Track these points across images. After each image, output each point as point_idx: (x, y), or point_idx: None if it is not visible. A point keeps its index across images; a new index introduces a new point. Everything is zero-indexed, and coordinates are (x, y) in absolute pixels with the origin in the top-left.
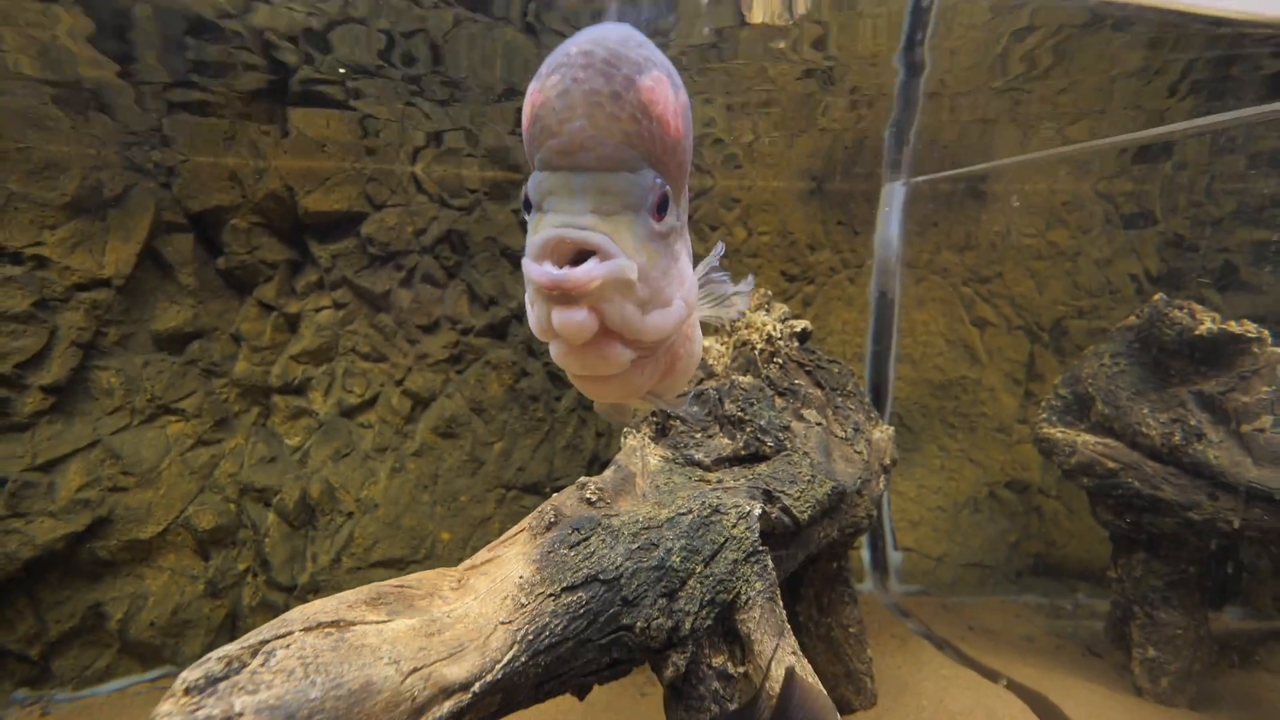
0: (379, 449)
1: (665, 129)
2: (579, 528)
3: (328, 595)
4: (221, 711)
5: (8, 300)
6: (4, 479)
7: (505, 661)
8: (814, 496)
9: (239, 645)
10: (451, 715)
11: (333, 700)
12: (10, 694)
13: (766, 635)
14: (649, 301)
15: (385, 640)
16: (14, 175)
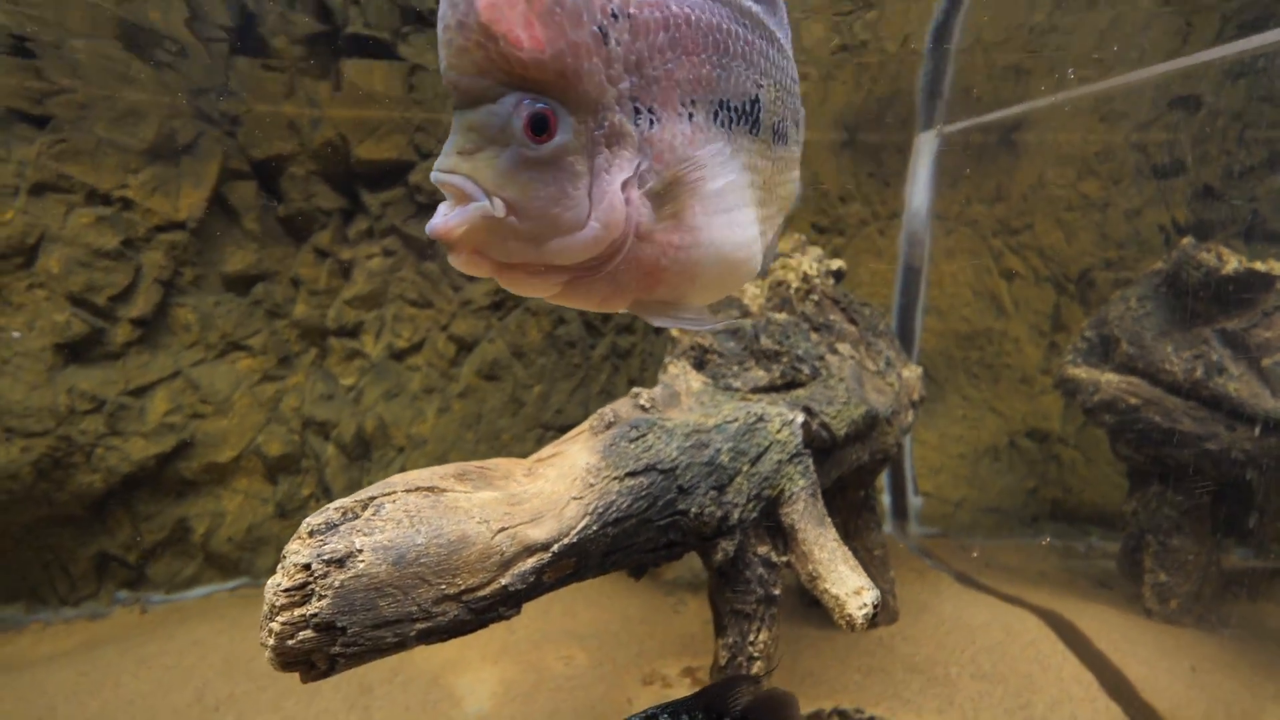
0: (426, 390)
1: (516, 45)
2: (637, 425)
3: None
4: (345, 547)
5: (101, 238)
6: (103, 401)
7: (579, 529)
8: (850, 417)
9: (352, 499)
10: (533, 570)
11: (435, 547)
12: (114, 594)
13: (810, 524)
14: (541, 232)
15: (475, 504)
16: (101, 121)
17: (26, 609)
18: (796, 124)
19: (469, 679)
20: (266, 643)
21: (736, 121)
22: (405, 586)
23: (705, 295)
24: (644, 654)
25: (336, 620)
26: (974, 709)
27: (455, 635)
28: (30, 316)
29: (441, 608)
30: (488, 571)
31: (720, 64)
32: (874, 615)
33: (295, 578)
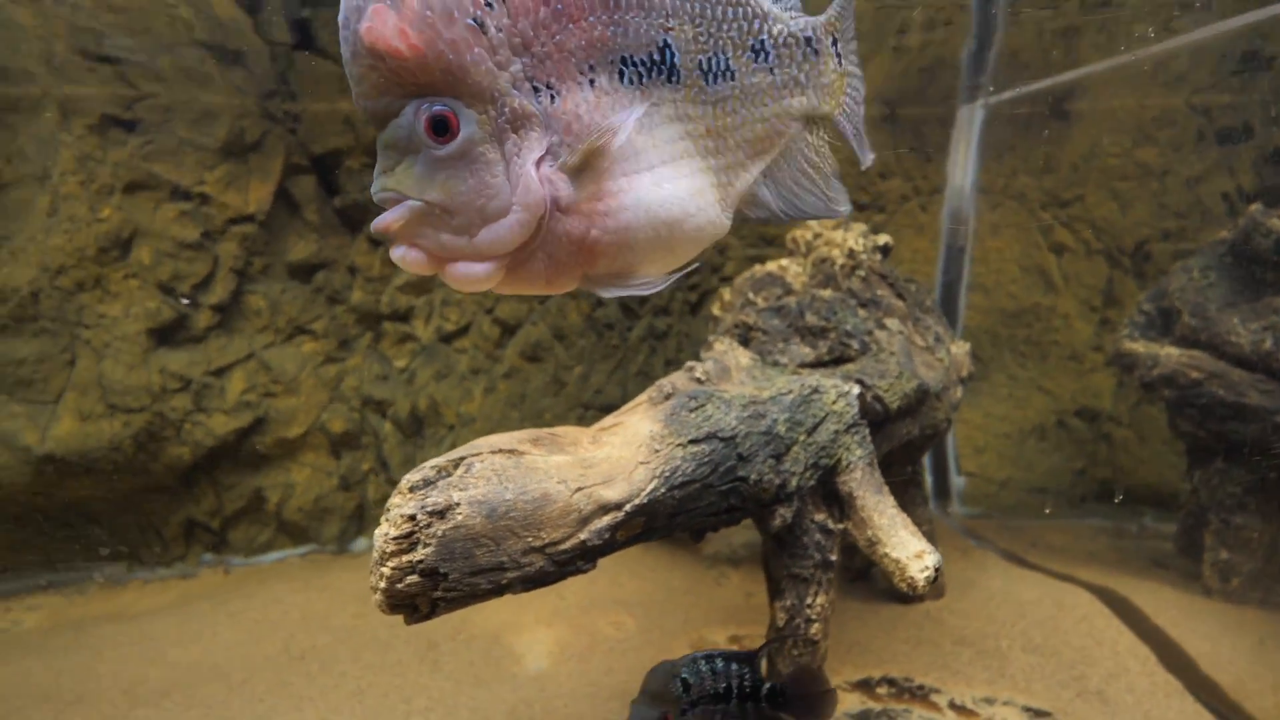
0: (473, 371)
1: (398, 56)
2: (695, 396)
3: None
4: (445, 500)
5: (184, 230)
6: (189, 380)
7: (649, 490)
8: (902, 390)
9: (444, 459)
10: (608, 528)
11: (521, 502)
12: (201, 556)
13: (869, 492)
14: (469, 224)
15: (552, 466)
16: (181, 123)
17: (128, 568)
18: (757, 50)
19: (526, 639)
20: (377, 586)
21: (648, 75)
22: (497, 538)
23: (654, 260)
24: (690, 621)
25: (439, 566)
26: (1026, 680)
27: (539, 585)
28: (126, 304)
29: (528, 559)
30: (568, 527)
31: (613, 21)
32: (935, 578)
33: (402, 527)
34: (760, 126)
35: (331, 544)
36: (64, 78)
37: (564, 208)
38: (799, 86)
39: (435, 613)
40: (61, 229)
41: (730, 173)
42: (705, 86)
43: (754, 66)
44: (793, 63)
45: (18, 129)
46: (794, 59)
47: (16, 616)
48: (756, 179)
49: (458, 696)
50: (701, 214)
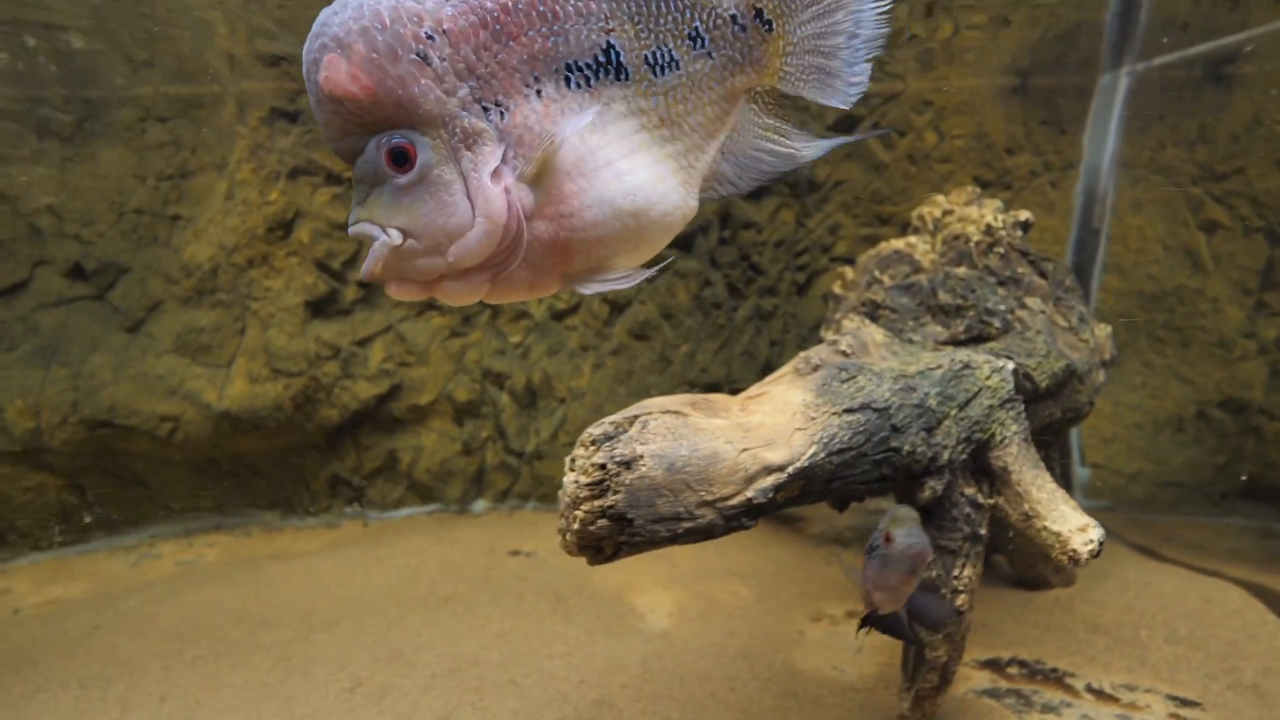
0: (583, 347)
1: (356, 99)
2: (846, 368)
3: (549, 462)
4: (631, 452)
5: (335, 213)
6: (339, 349)
7: (809, 455)
8: (1050, 370)
9: (619, 416)
10: (772, 488)
11: (695, 459)
12: (343, 509)
13: (1025, 467)
14: (439, 244)
15: (716, 428)
16: None
17: (281, 515)
18: (694, 38)
19: (645, 599)
20: (569, 528)
21: (596, 77)
22: (676, 490)
23: (627, 251)
24: (805, 595)
25: (627, 513)
26: (1170, 670)
27: (708, 538)
28: (288, 279)
29: (701, 511)
30: (736, 484)
31: (553, 32)
32: (1099, 551)
33: (593, 475)
34: (710, 109)
35: (454, 504)
36: (242, 75)
37: (530, 214)
38: (736, 65)
39: (617, 555)
40: (236, 211)
41: (690, 156)
42: (654, 79)
43: (694, 54)
44: (726, 43)
45: (202, 122)
46: (726, 39)
47: (198, 551)
48: (716, 157)
49: (592, 645)
50: (665, 200)
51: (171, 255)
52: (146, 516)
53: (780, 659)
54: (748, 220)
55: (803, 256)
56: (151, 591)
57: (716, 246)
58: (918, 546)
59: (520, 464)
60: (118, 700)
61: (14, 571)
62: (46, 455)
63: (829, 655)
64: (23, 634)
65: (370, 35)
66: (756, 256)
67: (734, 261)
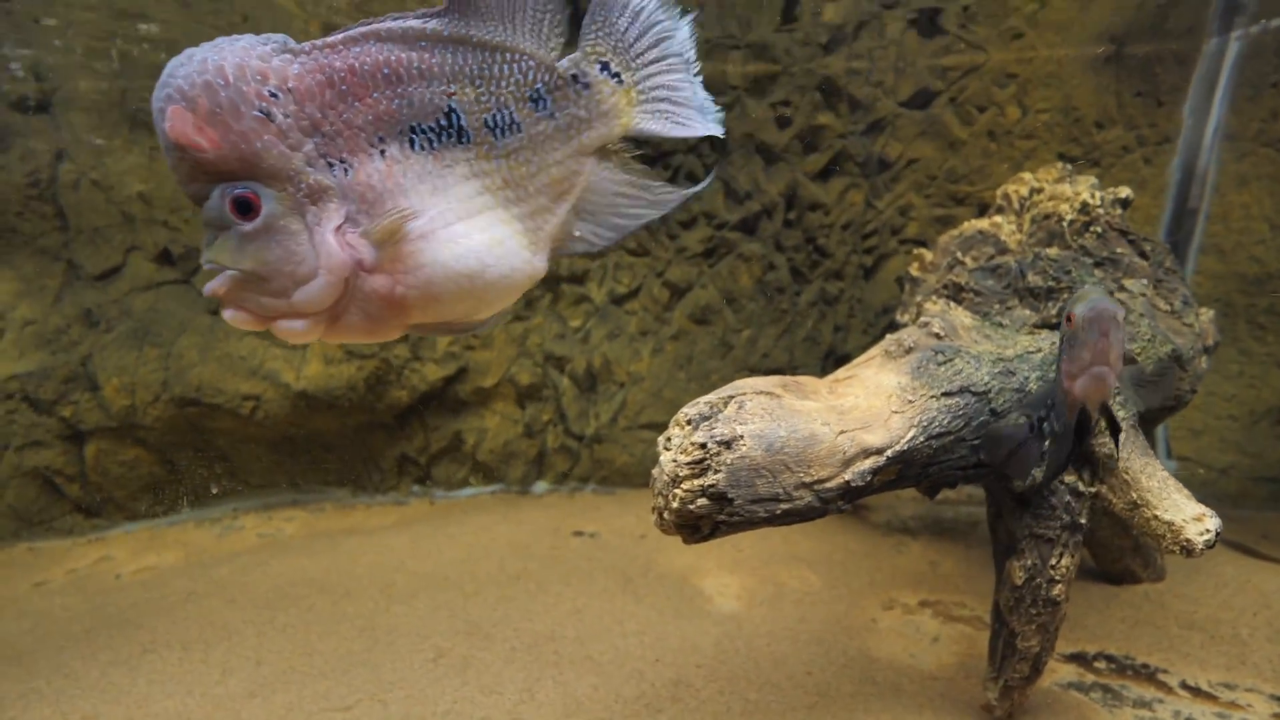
0: (642, 332)
1: (198, 149)
2: (942, 350)
3: (609, 446)
4: (730, 432)
5: None
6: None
7: (909, 438)
8: (1155, 355)
9: (715, 395)
10: (870, 471)
11: (794, 440)
12: (410, 487)
13: (1134, 454)
14: (284, 287)
15: (811, 410)
16: None
17: (352, 492)
18: (536, 100)
19: (712, 582)
20: (670, 506)
21: (438, 140)
22: (774, 471)
23: (464, 309)
24: (876, 584)
25: (727, 492)
26: (1274, 669)
27: (805, 519)
28: None
29: (799, 493)
30: (834, 467)
31: (397, 95)
32: (1214, 541)
33: (693, 454)
34: (556, 170)
35: (516, 485)
36: None
37: (369, 268)
38: (583, 123)
39: (714, 534)
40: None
41: (536, 218)
42: (495, 142)
43: (537, 116)
44: (570, 103)
45: None
46: (570, 99)
47: (278, 525)
48: (569, 218)
49: (664, 626)
50: (503, 262)
51: None
52: (229, 490)
53: (855, 645)
54: (814, 201)
55: (871, 239)
56: (240, 561)
57: (781, 229)
58: (1099, 305)
59: (580, 447)
60: (218, 663)
61: (111, 540)
62: (140, 431)
63: (904, 643)
64: (126, 598)
65: (213, 90)
66: (823, 239)
67: (799, 244)
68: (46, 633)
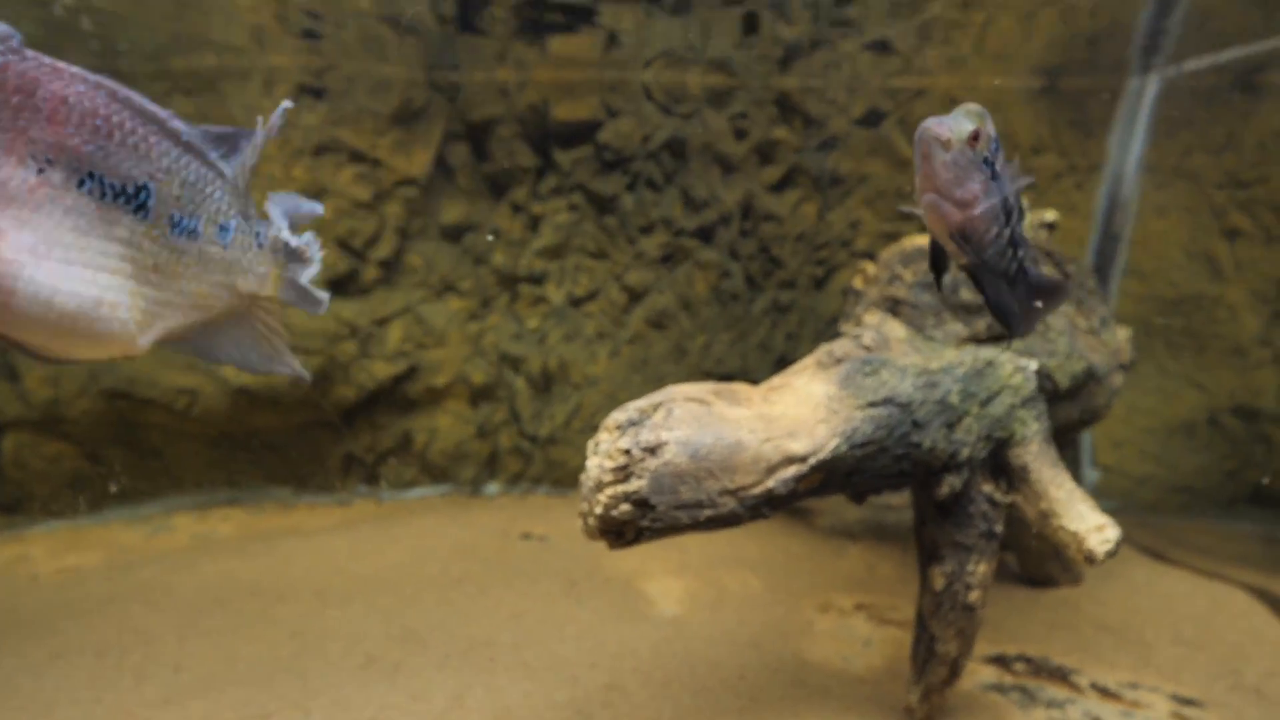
0: (599, 335)
1: None
2: (870, 362)
3: (563, 448)
4: (656, 438)
5: (359, 191)
6: (357, 328)
7: (831, 447)
8: (1071, 370)
9: (644, 401)
10: (793, 479)
11: (720, 447)
12: (356, 487)
13: (1045, 466)
14: None
15: (739, 417)
16: (361, 91)
17: (295, 492)
18: (224, 228)
19: (656, 586)
20: (593, 511)
21: (113, 197)
22: (699, 477)
23: (44, 340)
24: (815, 586)
25: (650, 498)
26: (1174, 670)
27: (727, 525)
28: None
29: (723, 499)
30: (758, 474)
31: (97, 145)
32: (1115, 550)
33: (618, 460)
34: (205, 287)
35: (467, 486)
36: (268, 49)
37: None
38: (244, 271)
39: (638, 540)
40: (260, 187)
41: (163, 308)
42: (168, 233)
43: (216, 239)
44: (243, 250)
45: (228, 96)
46: (245, 246)
47: (212, 525)
48: (197, 326)
49: (604, 629)
50: (102, 324)
51: None
52: (162, 489)
53: (790, 649)
54: (769, 212)
55: (822, 250)
56: (167, 563)
57: (737, 238)
58: (923, 126)
59: (533, 448)
60: (133, 669)
61: (31, 538)
62: (64, 425)
63: (837, 646)
64: (40, 600)
65: None
66: (777, 249)
67: (754, 253)
68: None
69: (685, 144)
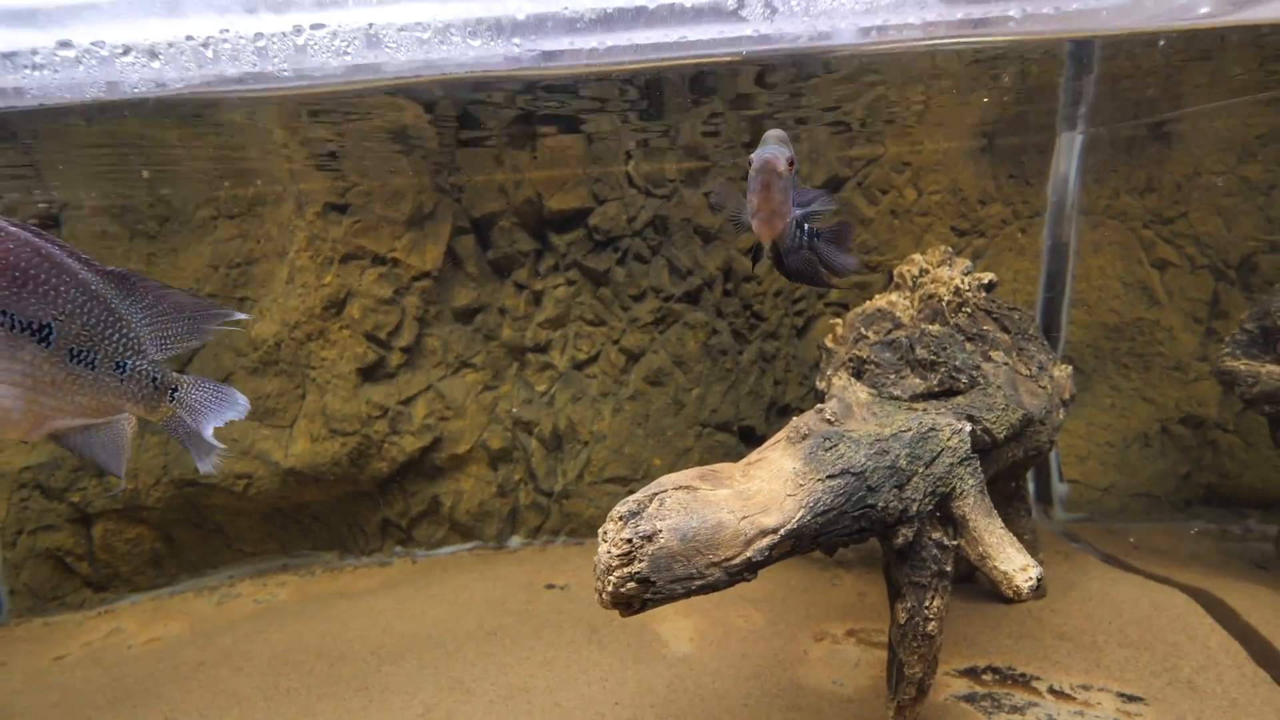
0: (603, 394)
1: None
2: (829, 438)
3: (576, 500)
4: (650, 528)
5: (381, 289)
6: (387, 409)
7: (798, 518)
8: (1008, 421)
9: (641, 494)
10: (767, 548)
11: (704, 529)
12: (393, 549)
13: (979, 515)
14: None
15: (720, 499)
16: (378, 203)
17: (339, 556)
18: (120, 365)
19: (669, 627)
20: (605, 589)
21: (16, 328)
22: (688, 555)
23: None
24: (811, 617)
25: (650, 576)
26: (1120, 670)
27: (716, 590)
28: (341, 349)
29: (709, 570)
30: (738, 547)
31: (12, 290)
32: (1037, 586)
33: (622, 547)
34: (97, 403)
35: (492, 541)
36: (299, 178)
37: None
38: (135, 400)
39: (644, 609)
40: (296, 293)
41: (55, 414)
42: (67, 362)
43: (111, 372)
44: (139, 386)
45: (265, 217)
46: (139, 381)
47: (271, 591)
48: (82, 427)
49: (624, 671)
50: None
51: (241, 333)
52: (224, 560)
53: (787, 676)
54: (748, 274)
55: (800, 303)
56: (240, 630)
57: (721, 298)
58: (762, 160)
59: (550, 503)
60: None
61: (120, 611)
62: (143, 511)
63: (830, 671)
64: (141, 669)
65: None
66: (758, 305)
67: (737, 311)
68: (73, 704)
69: (667, 220)
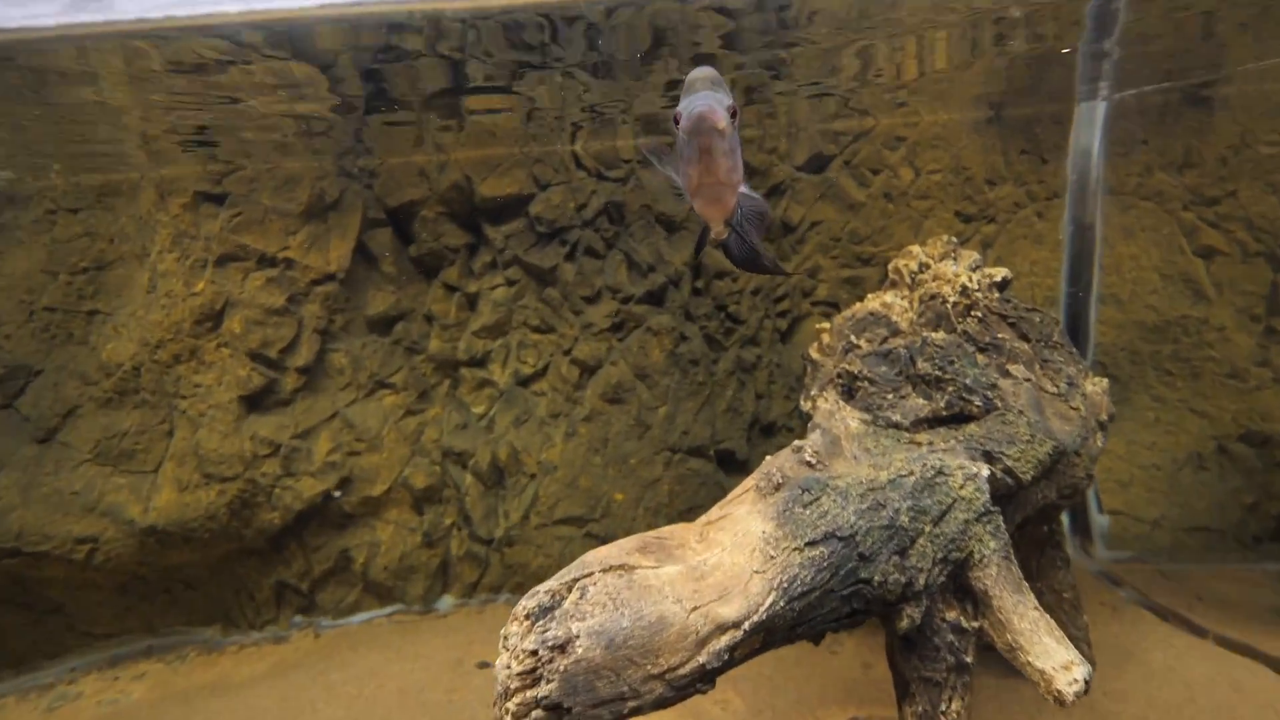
0: (553, 415)
1: None
2: (808, 488)
3: (521, 548)
4: (564, 633)
5: (270, 297)
6: (279, 445)
7: (767, 605)
8: (1035, 457)
9: (556, 581)
10: (727, 648)
11: (639, 629)
12: (291, 618)
13: (1006, 591)
14: None
15: (664, 582)
16: (266, 191)
17: (222, 631)
18: None
19: None
20: (504, 718)
21: None
22: (617, 668)
23: None
24: (803, 700)
25: (563, 701)
26: None
27: (659, 709)
28: (219, 373)
29: (648, 686)
30: (686, 650)
31: None
32: (1085, 690)
33: (525, 662)
34: None
35: (417, 603)
36: (160, 160)
37: None
38: None
39: None
40: (160, 304)
41: None
42: None
43: None
44: None
45: (119, 211)
46: None
47: (124, 687)
48: None
49: None
50: None
51: (89, 354)
52: (64, 648)
53: None
54: (721, 269)
55: (783, 302)
56: None
57: (690, 298)
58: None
59: (489, 552)
60: None
61: None
62: None
63: None
64: None
65: None
66: (734, 306)
67: (710, 313)
68: None
69: (623, 208)
